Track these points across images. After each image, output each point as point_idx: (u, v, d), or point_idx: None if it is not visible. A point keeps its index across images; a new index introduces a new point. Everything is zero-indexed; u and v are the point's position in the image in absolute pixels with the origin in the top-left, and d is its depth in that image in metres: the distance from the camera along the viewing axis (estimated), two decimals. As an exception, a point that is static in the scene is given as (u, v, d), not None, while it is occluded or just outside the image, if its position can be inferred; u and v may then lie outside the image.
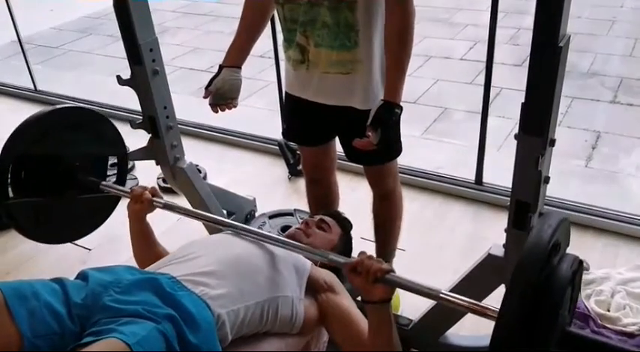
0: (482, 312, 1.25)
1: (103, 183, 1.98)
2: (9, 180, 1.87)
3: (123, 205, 1.76)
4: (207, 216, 1.85)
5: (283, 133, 2.12)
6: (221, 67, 1.87)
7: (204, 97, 1.86)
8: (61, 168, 1.95)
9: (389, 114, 1.57)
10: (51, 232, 2.04)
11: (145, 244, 1.78)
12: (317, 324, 1.57)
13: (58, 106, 2.07)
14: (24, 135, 1.88)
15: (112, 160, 2.14)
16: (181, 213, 1.81)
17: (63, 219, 2.03)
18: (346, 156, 1.90)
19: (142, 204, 1.75)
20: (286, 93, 1.93)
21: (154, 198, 1.77)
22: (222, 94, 1.85)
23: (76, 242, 2.58)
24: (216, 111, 1.89)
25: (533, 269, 0.94)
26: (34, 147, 1.90)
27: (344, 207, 2.25)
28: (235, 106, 1.89)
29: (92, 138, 2.04)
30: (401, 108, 1.59)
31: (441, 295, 1.31)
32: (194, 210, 1.85)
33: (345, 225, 1.90)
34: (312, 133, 1.97)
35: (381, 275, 1.33)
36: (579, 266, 1.05)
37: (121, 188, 2.00)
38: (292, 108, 1.95)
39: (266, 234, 1.60)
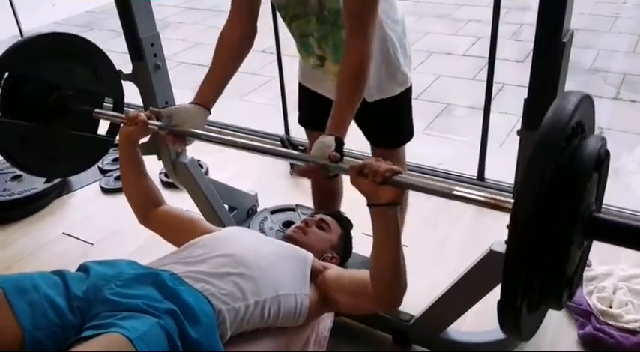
0: (499, 205, 1.14)
1: (97, 110, 1.90)
2: None
3: (123, 200, 1.75)
4: (209, 135, 1.65)
5: (299, 120, 2.11)
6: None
7: (147, 116, 1.66)
8: (55, 95, 1.88)
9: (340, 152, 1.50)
10: (36, 162, 1.97)
11: (135, 174, 1.71)
12: (321, 310, 1.56)
13: (59, 31, 2.00)
14: (18, 53, 1.80)
15: (113, 155, 2.13)
16: (181, 134, 1.63)
17: (52, 152, 1.96)
18: (365, 136, 1.94)
19: (136, 126, 1.65)
20: (300, 84, 1.97)
21: (150, 121, 1.65)
22: (176, 123, 1.64)
23: (78, 236, 2.61)
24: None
25: (553, 148, 0.81)
26: (27, 67, 1.82)
27: (346, 202, 2.25)
28: (182, 145, 1.72)
29: (88, 71, 1.98)
30: (343, 143, 1.52)
31: (455, 192, 1.21)
32: (195, 130, 1.63)
33: (346, 224, 1.90)
34: (325, 117, 1.98)
35: (390, 175, 1.24)
36: (606, 154, 0.91)
37: (114, 113, 1.91)
38: (306, 97, 1.98)
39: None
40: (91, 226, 2.69)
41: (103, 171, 3.08)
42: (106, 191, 2.94)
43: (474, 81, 4.17)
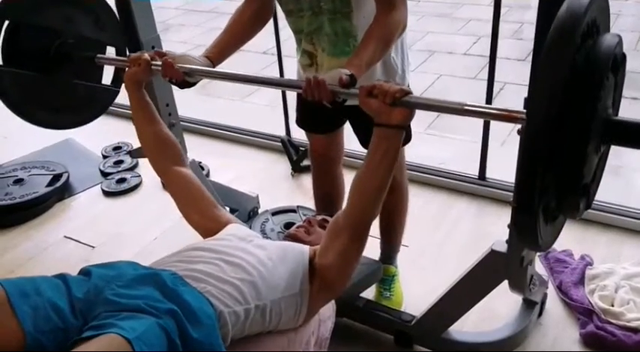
0: (511, 117, 1.11)
1: (98, 55, 1.89)
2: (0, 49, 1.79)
3: (125, 203, 1.76)
4: (225, 73, 1.64)
5: (296, 121, 2.13)
6: None
7: (150, 55, 1.66)
8: (56, 42, 1.87)
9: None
10: (40, 112, 1.97)
11: (147, 119, 1.69)
12: (320, 299, 1.53)
13: None
14: (18, 1, 1.80)
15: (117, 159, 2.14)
16: (191, 71, 1.61)
17: (56, 102, 1.96)
18: (359, 141, 1.93)
19: (139, 67, 1.64)
20: None
21: (153, 62, 1.64)
22: (176, 56, 1.65)
23: (79, 240, 2.61)
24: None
25: (568, 47, 0.77)
26: (27, 15, 1.81)
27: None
28: (178, 79, 1.63)
29: (90, 20, 1.97)
30: (356, 81, 1.48)
31: (466, 107, 1.19)
32: (192, 67, 1.61)
33: None
34: (322, 121, 2.01)
35: (400, 95, 1.23)
36: (623, 56, 0.88)
37: (117, 57, 1.91)
38: (303, 99, 1.97)
39: None
40: (92, 229, 2.69)
41: (104, 174, 3.08)
42: (107, 194, 2.94)
43: (475, 80, 4.17)
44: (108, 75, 2.11)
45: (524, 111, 0.99)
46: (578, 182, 0.82)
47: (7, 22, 1.80)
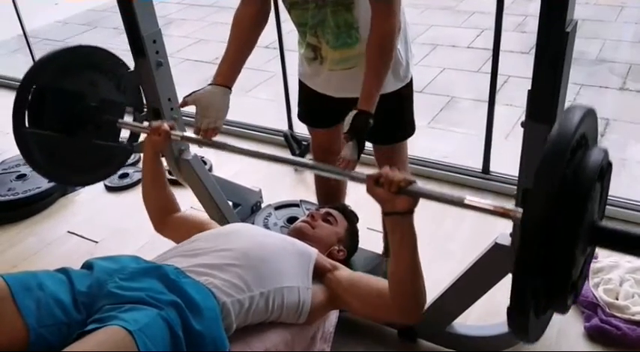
0: (508, 214, 1.19)
1: (120, 120, 1.99)
2: (26, 111, 1.86)
3: (128, 198, 1.76)
4: (226, 145, 1.76)
5: (298, 115, 2.14)
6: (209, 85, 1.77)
7: (180, 107, 1.76)
8: (79, 105, 1.95)
9: (364, 124, 1.55)
10: (62, 172, 2.05)
11: (156, 183, 1.78)
12: (326, 309, 1.56)
13: (83, 44, 2.06)
14: (46, 66, 1.88)
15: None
16: (202, 144, 1.75)
17: (76, 161, 2.03)
18: None
19: (160, 136, 1.73)
20: (300, 80, 1.99)
21: (172, 132, 1.74)
22: (200, 111, 1.70)
23: (83, 235, 2.61)
24: (198, 132, 1.73)
25: (559, 162, 0.87)
26: (54, 80, 1.89)
27: (351, 197, 2.25)
28: (216, 132, 1.73)
29: (111, 83, 2.04)
30: (373, 117, 1.57)
31: (466, 201, 1.26)
32: (215, 141, 1.75)
33: (351, 217, 1.91)
34: (324, 116, 2.01)
35: (405, 185, 1.28)
36: (609, 165, 0.97)
37: (138, 124, 2.00)
38: (305, 94, 2.00)
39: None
40: (95, 224, 2.69)
41: (107, 169, 3.08)
42: (110, 189, 2.95)
43: (478, 73, 4.15)
44: (124, 131, 2.14)
45: (520, 210, 1.07)
46: (567, 282, 0.92)
47: (34, 87, 1.87)
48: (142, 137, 1.88)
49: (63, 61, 1.93)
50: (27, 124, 1.87)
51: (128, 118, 2.07)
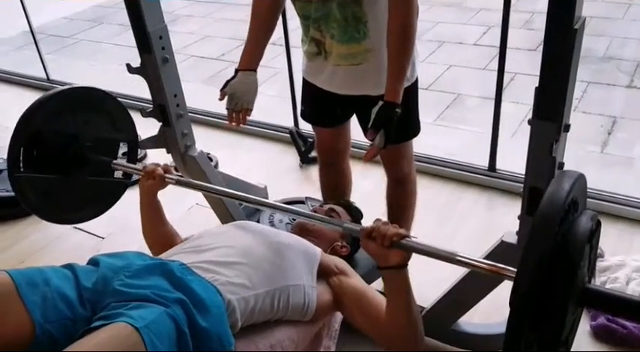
0: (500, 273, 1.23)
1: (115, 161, 2.01)
2: (21, 156, 1.87)
3: (134, 194, 1.76)
4: (223, 190, 1.84)
5: (301, 114, 2.14)
6: (236, 71, 1.86)
7: (220, 99, 1.85)
8: (73, 147, 1.96)
9: (391, 115, 1.56)
10: (59, 212, 2.05)
11: (155, 222, 1.79)
12: (330, 310, 1.56)
13: (75, 85, 2.07)
14: (39, 111, 1.89)
15: (123, 149, 2.15)
16: (195, 188, 1.80)
17: (71, 200, 2.04)
18: (364, 134, 1.91)
19: (154, 180, 1.75)
20: (303, 78, 1.98)
21: (166, 175, 1.76)
22: (238, 97, 1.83)
23: (88, 230, 2.62)
24: (231, 121, 1.88)
25: (551, 227, 0.91)
26: (47, 123, 1.90)
27: (356, 194, 2.25)
28: (249, 113, 1.88)
29: (105, 121, 2.05)
30: (400, 107, 1.58)
31: (458, 258, 1.28)
32: (208, 184, 1.86)
33: (355, 214, 1.90)
34: (328, 115, 2.00)
35: (397, 239, 1.30)
36: (597, 224, 1.02)
37: (132, 166, 2.02)
38: (309, 92, 1.99)
39: (296, 210, 1.62)
40: (101, 220, 2.68)
41: (113, 165, 3.08)
42: (116, 185, 2.95)
43: (485, 70, 4.14)
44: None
45: (514, 270, 1.10)
46: (558, 340, 0.96)
47: (28, 132, 1.88)
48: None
49: (56, 104, 1.93)
50: (21, 168, 1.88)
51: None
